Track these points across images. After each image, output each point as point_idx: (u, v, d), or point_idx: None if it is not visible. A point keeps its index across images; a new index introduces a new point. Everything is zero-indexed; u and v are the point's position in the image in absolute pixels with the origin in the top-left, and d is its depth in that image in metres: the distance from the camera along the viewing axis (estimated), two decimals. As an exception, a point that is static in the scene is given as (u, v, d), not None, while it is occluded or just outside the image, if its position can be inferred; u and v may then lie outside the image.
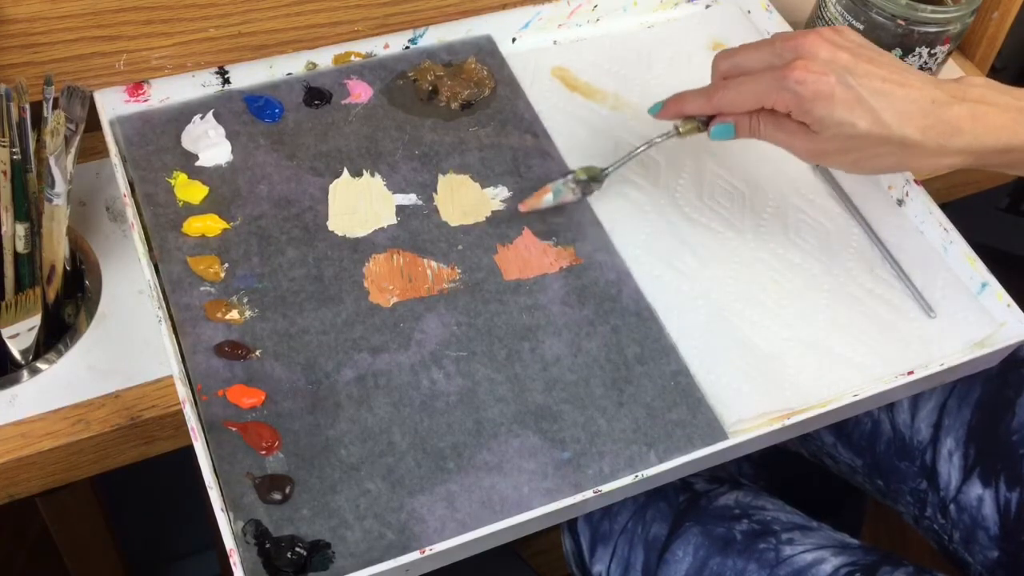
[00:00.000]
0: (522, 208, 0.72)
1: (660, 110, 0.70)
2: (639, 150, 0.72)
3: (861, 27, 0.83)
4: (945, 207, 0.76)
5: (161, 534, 1.21)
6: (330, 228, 0.71)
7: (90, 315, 0.69)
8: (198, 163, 0.73)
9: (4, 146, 0.61)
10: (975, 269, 0.73)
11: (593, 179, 0.72)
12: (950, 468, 0.74)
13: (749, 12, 0.89)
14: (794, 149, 0.65)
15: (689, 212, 0.75)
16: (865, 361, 0.69)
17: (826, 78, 0.61)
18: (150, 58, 0.75)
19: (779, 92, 0.62)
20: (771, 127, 0.65)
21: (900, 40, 0.82)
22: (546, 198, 0.72)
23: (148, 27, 0.73)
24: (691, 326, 0.69)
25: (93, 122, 0.70)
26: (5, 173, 0.62)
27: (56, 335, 0.68)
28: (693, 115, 0.70)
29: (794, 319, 0.71)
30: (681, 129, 0.70)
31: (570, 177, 0.73)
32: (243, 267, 0.68)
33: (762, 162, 0.79)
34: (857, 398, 0.65)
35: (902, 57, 0.83)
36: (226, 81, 0.77)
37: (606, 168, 0.72)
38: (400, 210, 0.73)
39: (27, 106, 0.63)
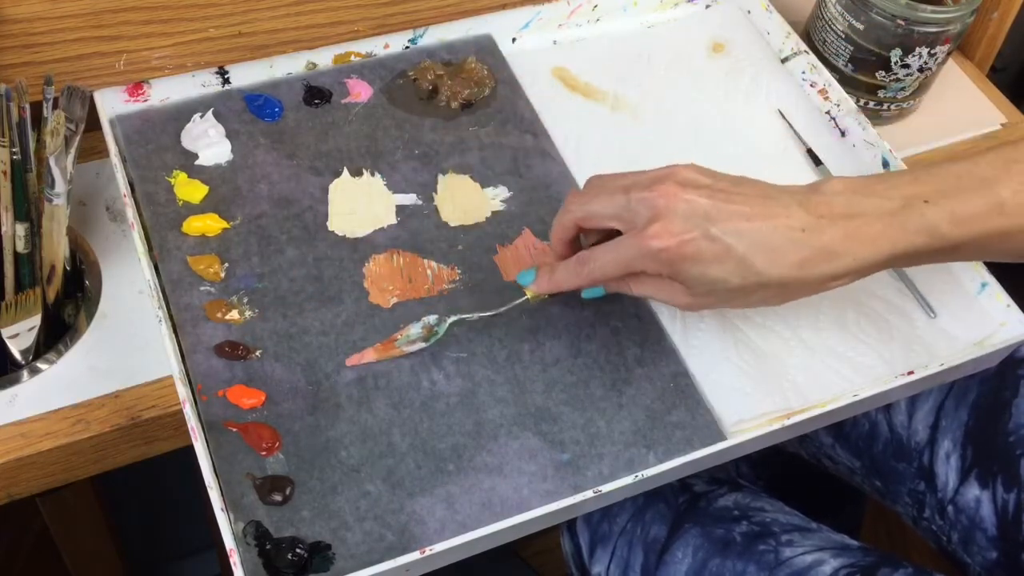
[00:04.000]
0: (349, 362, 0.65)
1: (533, 283, 0.65)
2: (487, 314, 0.66)
3: (861, 27, 0.83)
4: (945, 208, 0.76)
5: (161, 534, 1.21)
6: (330, 228, 0.71)
7: (90, 315, 0.69)
8: (198, 162, 0.73)
9: (4, 146, 0.61)
10: (975, 269, 0.73)
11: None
12: (947, 469, 0.74)
13: (749, 12, 0.89)
14: (674, 304, 0.62)
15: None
16: (865, 361, 0.69)
17: (689, 237, 0.57)
18: (150, 58, 0.75)
19: (645, 261, 0.59)
20: (645, 286, 0.62)
21: (900, 40, 0.82)
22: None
23: (148, 27, 0.73)
24: (691, 327, 0.69)
25: (93, 122, 0.70)
26: (5, 173, 0.62)
27: (56, 335, 0.68)
28: (565, 290, 0.64)
29: (794, 319, 0.71)
30: (531, 298, 0.65)
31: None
32: (243, 267, 0.68)
33: (761, 163, 0.79)
34: (857, 398, 0.65)
35: (902, 57, 0.83)
36: (226, 81, 0.77)
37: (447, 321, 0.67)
38: (400, 210, 0.73)
39: (27, 106, 0.63)
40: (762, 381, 0.67)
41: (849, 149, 0.81)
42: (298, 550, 0.57)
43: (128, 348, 0.67)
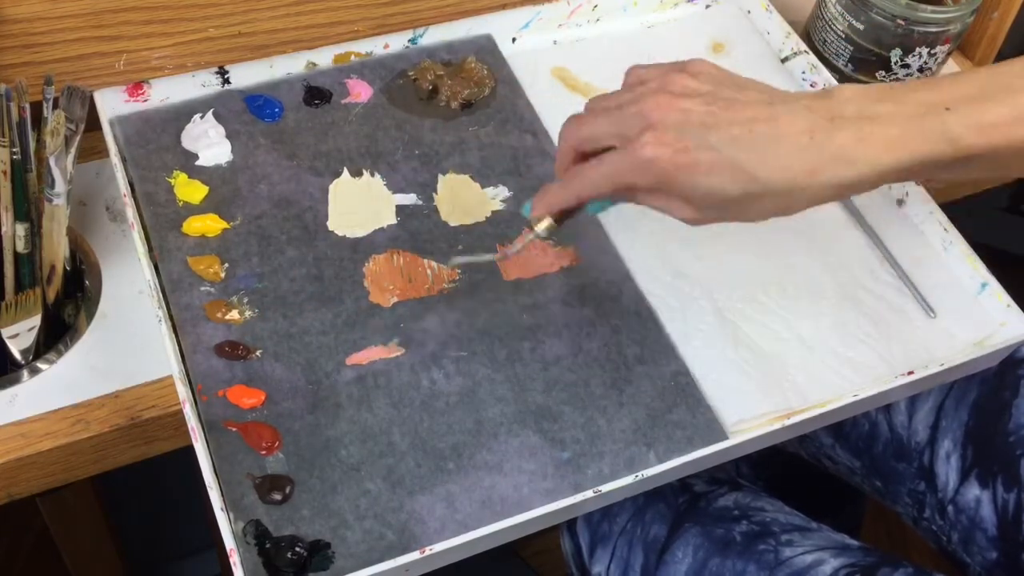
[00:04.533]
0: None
1: (532, 209, 0.62)
2: (496, 256, 0.67)
3: (861, 27, 0.83)
4: (945, 207, 0.76)
5: (161, 534, 1.21)
6: (330, 228, 0.71)
7: (90, 315, 0.69)
8: (198, 162, 0.73)
9: (4, 146, 0.61)
10: (975, 269, 0.73)
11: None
12: (948, 469, 0.74)
13: (749, 12, 0.89)
14: (673, 215, 0.58)
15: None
16: (865, 361, 0.69)
17: (682, 147, 0.54)
18: (150, 58, 0.75)
19: (637, 172, 0.55)
20: (646, 196, 0.58)
21: (900, 40, 0.82)
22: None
23: (148, 27, 0.73)
24: (691, 326, 0.69)
25: (93, 122, 0.70)
26: (5, 173, 0.62)
27: (56, 335, 0.68)
28: (561, 210, 0.62)
29: (794, 319, 0.71)
30: (536, 228, 0.62)
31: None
32: (243, 267, 0.68)
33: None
34: (857, 398, 0.65)
35: (902, 57, 0.83)
36: (226, 81, 0.77)
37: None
38: (400, 210, 0.73)
39: (27, 106, 0.63)
40: (762, 381, 0.67)
41: (849, 149, 0.81)
42: (298, 549, 0.57)
43: (128, 348, 0.67)
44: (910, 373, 0.67)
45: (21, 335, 0.65)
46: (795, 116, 0.55)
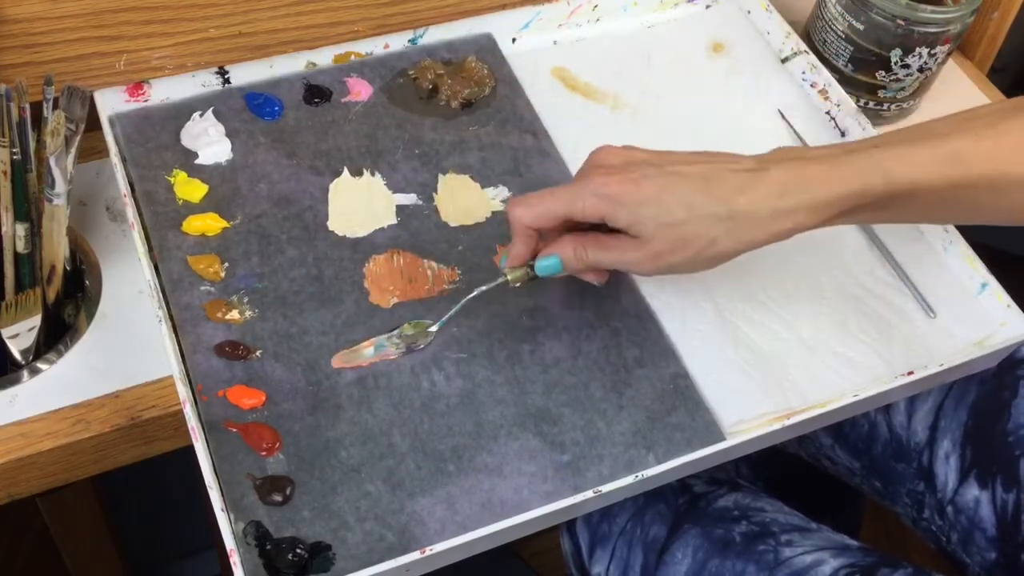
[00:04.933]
0: (335, 363, 0.65)
1: (506, 261, 0.64)
2: (466, 299, 0.66)
3: (861, 27, 0.83)
4: (945, 208, 0.76)
5: (161, 534, 1.21)
6: (330, 228, 0.71)
7: (90, 315, 0.69)
8: (198, 161, 0.73)
9: (4, 146, 0.61)
10: (975, 269, 0.73)
11: (420, 335, 0.66)
12: (947, 470, 0.74)
13: (749, 12, 0.89)
14: (629, 264, 0.61)
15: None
16: (865, 361, 0.69)
17: (628, 175, 0.58)
18: (150, 58, 0.75)
19: (585, 199, 0.58)
20: (596, 249, 0.61)
21: (900, 40, 0.82)
22: (366, 352, 0.65)
23: (148, 27, 0.73)
24: (691, 327, 0.69)
25: (93, 122, 0.70)
26: (5, 173, 0.62)
27: (56, 335, 0.68)
28: (526, 259, 0.64)
29: (794, 319, 0.71)
30: (510, 277, 0.64)
31: (395, 333, 0.66)
32: (243, 267, 0.68)
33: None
34: (857, 398, 0.65)
35: (902, 57, 0.83)
36: (226, 81, 0.77)
37: (432, 326, 0.66)
38: (400, 210, 0.73)
39: (27, 106, 0.62)
40: (762, 381, 0.67)
41: (849, 149, 0.81)
42: (298, 550, 0.57)
43: (128, 348, 0.67)
44: (910, 373, 0.67)
45: (21, 335, 0.65)
46: (734, 159, 0.60)
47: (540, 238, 0.64)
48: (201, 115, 0.75)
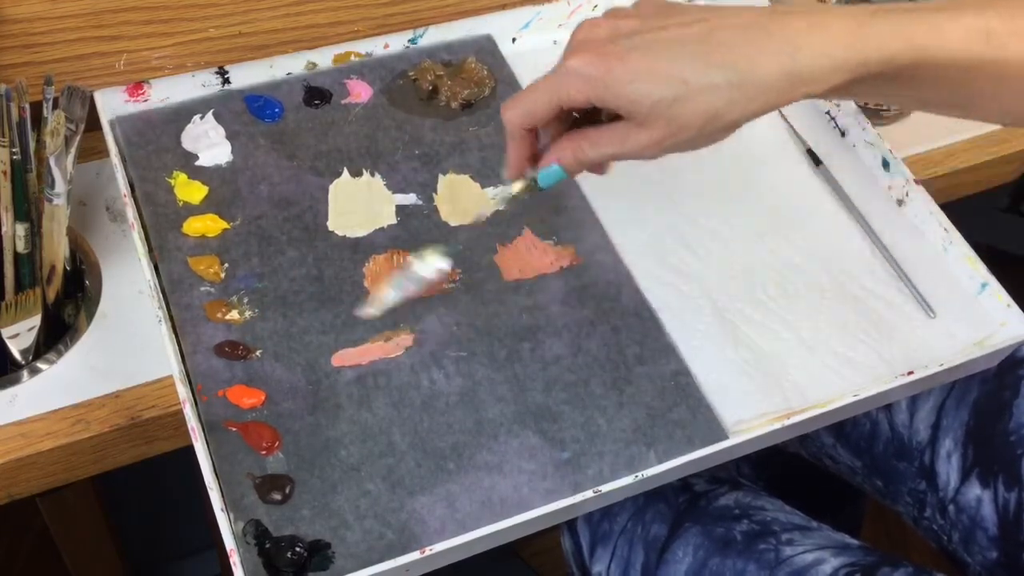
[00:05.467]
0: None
1: (507, 171, 0.60)
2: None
3: (861, 27, 0.83)
4: (945, 207, 0.76)
5: (161, 534, 1.21)
6: (330, 228, 0.71)
7: (90, 315, 0.69)
8: (198, 163, 0.73)
9: (4, 146, 0.61)
10: (975, 269, 0.73)
11: (436, 257, 0.62)
12: (948, 469, 0.74)
13: (749, 12, 0.89)
14: (630, 153, 0.55)
15: (689, 212, 0.75)
16: (865, 361, 0.69)
17: (607, 50, 0.51)
18: (150, 58, 0.75)
19: (569, 81, 0.52)
20: (593, 144, 0.55)
21: (900, 40, 0.82)
22: (388, 295, 0.62)
23: (148, 27, 0.73)
24: (691, 326, 0.69)
25: (93, 122, 0.70)
26: (5, 173, 0.62)
27: (56, 335, 0.68)
28: (524, 166, 0.59)
29: (794, 319, 0.71)
30: (514, 191, 0.60)
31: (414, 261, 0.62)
32: (243, 267, 0.68)
33: (761, 163, 0.79)
34: (857, 398, 0.65)
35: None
36: (226, 81, 0.77)
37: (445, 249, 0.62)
38: (400, 210, 0.73)
39: (27, 106, 0.63)
40: (762, 381, 0.67)
41: (849, 149, 0.81)
42: (298, 549, 0.57)
43: (128, 348, 0.67)
44: (910, 373, 0.67)
45: (21, 335, 0.65)
46: (739, 14, 0.52)
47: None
48: (201, 118, 0.75)
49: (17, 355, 0.66)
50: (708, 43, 0.51)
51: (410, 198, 0.73)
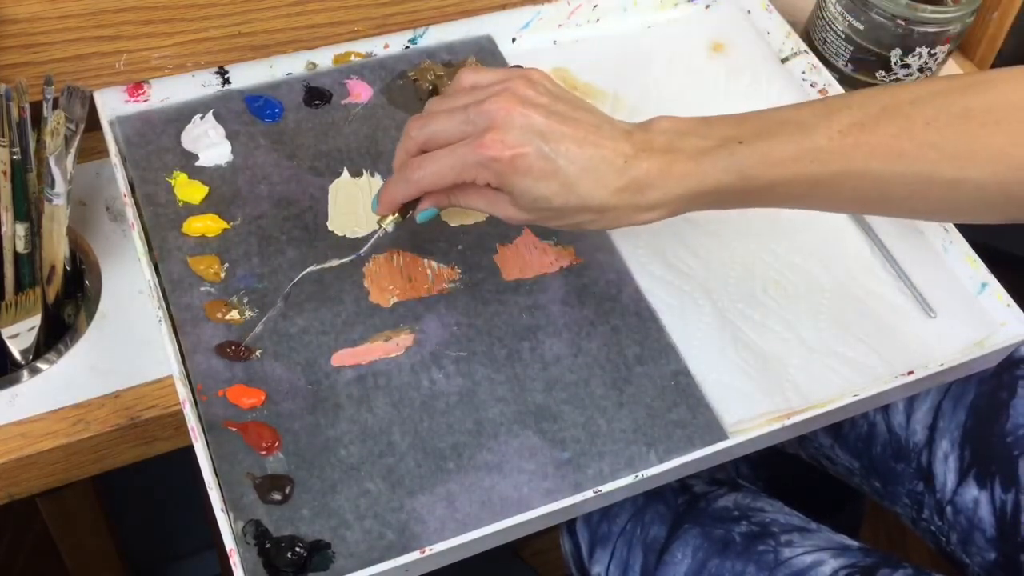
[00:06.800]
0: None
1: (377, 207, 0.64)
2: (346, 259, 0.66)
3: (861, 27, 0.83)
4: (945, 207, 0.76)
5: (161, 534, 1.21)
6: (330, 228, 0.71)
7: (90, 315, 0.69)
8: (198, 163, 0.73)
9: (4, 146, 0.61)
10: (975, 269, 0.73)
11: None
12: (946, 470, 0.74)
13: (749, 12, 0.89)
14: (503, 218, 0.62)
15: (688, 212, 0.75)
16: (865, 361, 0.69)
17: (523, 151, 0.58)
18: (150, 58, 0.75)
19: (477, 169, 0.59)
20: (471, 196, 0.62)
21: (900, 40, 0.82)
22: None
23: (148, 27, 0.73)
24: (691, 326, 0.69)
25: (93, 122, 0.70)
26: (5, 173, 0.62)
27: (56, 335, 0.68)
28: (403, 203, 0.64)
29: (794, 319, 0.71)
30: (383, 224, 0.64)
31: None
32: (243, 267, 0.68)
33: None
34: (857, 398, 0.65)
35: (902, 57, 0.83)
36: (226, 81, 0.77)
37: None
38: (400, 210, 0.73)
39: (27, 106, 0.62)
40: (762, 381, 0.67)
41: (849, 149, 0.81)
42: (298, 549, 0.57)
43: (128, 348, 0.67)
44: (910, 373, 0.67)
45: (21, 335, 0.65)
46: (616, 142, 0.60)
47: None
48: (201, 118, 0.75)
49: (17, 355, 0.66)
50: (587, 171, 0.59)
51: (410, 198, 0.73)
